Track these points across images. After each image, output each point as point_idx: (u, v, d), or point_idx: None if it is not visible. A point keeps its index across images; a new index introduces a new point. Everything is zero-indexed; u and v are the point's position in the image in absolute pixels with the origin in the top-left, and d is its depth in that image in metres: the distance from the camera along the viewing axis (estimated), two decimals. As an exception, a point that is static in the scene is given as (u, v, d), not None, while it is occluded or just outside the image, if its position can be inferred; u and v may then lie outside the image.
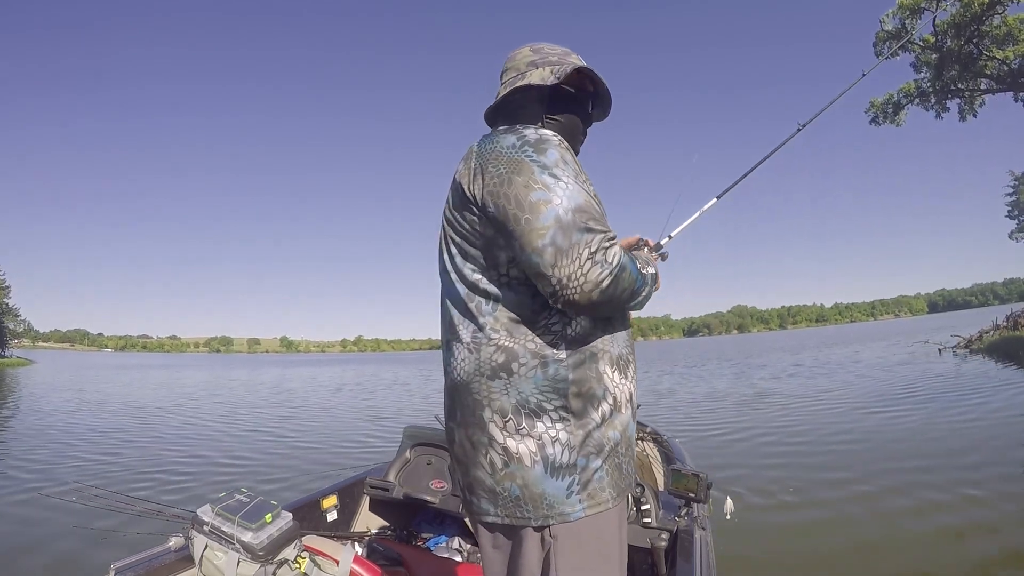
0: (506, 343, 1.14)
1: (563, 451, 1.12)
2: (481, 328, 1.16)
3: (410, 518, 2.93)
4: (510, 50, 1.39)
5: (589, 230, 1.08)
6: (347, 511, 2.83)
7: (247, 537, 1.79)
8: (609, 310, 1.16)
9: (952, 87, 20.28)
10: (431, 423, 2.88)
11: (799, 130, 2.25)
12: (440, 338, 1.32)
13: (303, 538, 2.00)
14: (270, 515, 1.87)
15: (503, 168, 1.12)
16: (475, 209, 1.16)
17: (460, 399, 1.20)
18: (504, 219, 1.10)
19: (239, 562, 1.79)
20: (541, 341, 1.14)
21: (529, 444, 1.12)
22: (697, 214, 1.95)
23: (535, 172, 1.10)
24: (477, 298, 1.18)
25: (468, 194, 1.17)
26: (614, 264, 1.08)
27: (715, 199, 2.06)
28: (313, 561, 1.94)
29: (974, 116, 21.27)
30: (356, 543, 2.57)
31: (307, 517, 2.54)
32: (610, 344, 1.20)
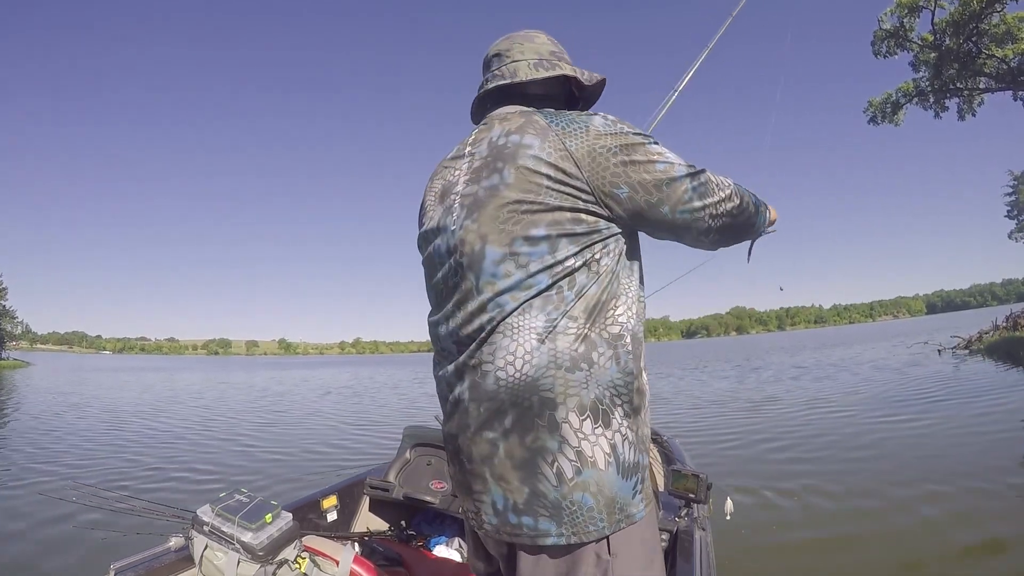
0: (586, 331, 1.05)
1: (631, 449, 1.06)
2: (561, 316, 1.04)
3: (410, 518, 2.92)
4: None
5: (701, 171, 1.13)
6: (347, 511, 2.82)
7: (247, 537, 1.79)
8: (749, 232, 1.28)
9: (951, 86, 20.12)
10: (431, 423, 2.88)
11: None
12: (452, 338, 1.15)
13: (303, 538, 1.99)
14: (270, 515, 1.87)
15: (614, 148, 1.07)
16: (583, 191, 1.06)
17: (515, 401, 1.03)
18: (646, 194, 1.08)
19: (239, 562, 1.78)
20: (612, 331, 1.07)
21: (603, 445, 1.03)
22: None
23: (645, 144, 1.10)
24: (557, 283, 1.05)
25: (571, 174, 1.06)
26: (731, 185, 1.17)
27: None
28: (313, 561, 1.94)
29: (973, 115, 21.14)
30: (356, 543, 2.56)
31: (307, 517, 2.53)
32: (643, 336, 1.16)
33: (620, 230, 1.12)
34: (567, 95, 1.33)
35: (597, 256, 1.08)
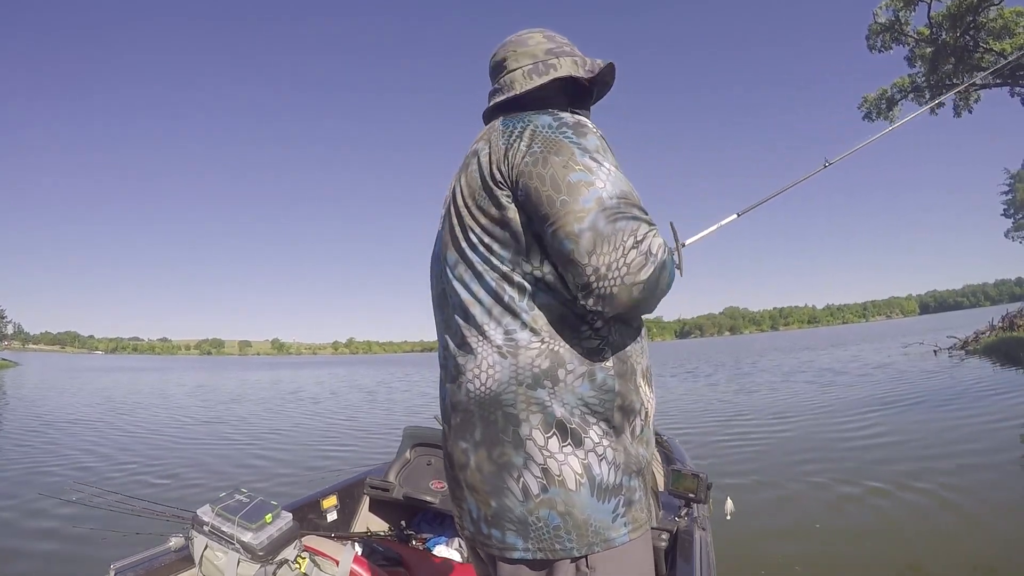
0: (551, 346, 1.00)
1: (609, 470, 1.00)
2: (519, 328, 1.01)
3: (410, 518, 2.92)
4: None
5: (634, 218, 0.96)
6: (347, 511, 2.82)
7: (247, 537, 1.78)
8: (642, 309, 1.02)
9: (947, 82, 19.86)
10: (431, 423, 2.87)
11: (825, 166, 2.33)
12: (441, 344, 1.17)
13: (303, 538, 1.99)
14: (270, 515, 1.87)
15: (537, 147, 1.00)
16: (505, 190, 1.03)
17: (482, 414, 1.02)
18: (537, 201, 0.98)
19: (239, 562, 1.78)
20: (588, 346, 1.02)
21: (574, 464, 0.98)
22: (715, 227, 1.98)
23: (575, 153, 0.99)
24: (510, 293, 1.02)
25: (497, 173, 1.04)
26: (659, 256, 0.96)
27: (735, 215, 2.09)
28: (313, 561, 1.93)
29: (969, 112, 21.00)
30: (356, 543, 2.56)
31: (307, 517, 2.53)
32: (641, 353, 1.11)
33: None
34: (574, 89, 1.27)
35: (537, 264, 1.02)
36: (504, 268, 1.04)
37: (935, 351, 21.77)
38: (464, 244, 1.09)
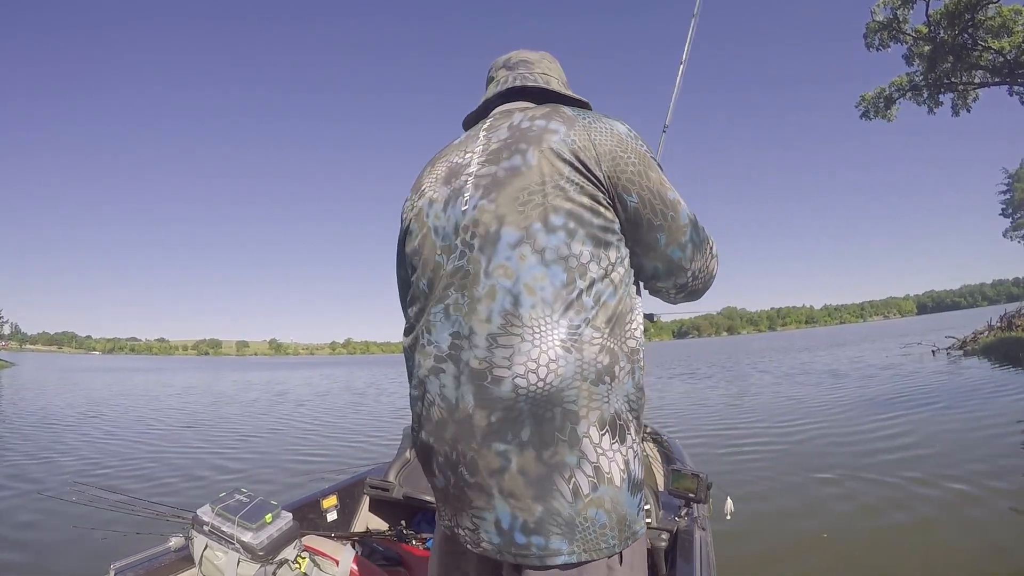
0: (608, 344, 1.01)
1: (638, 465, 1.03)
2: (583, 324, 0.99)
3: (410, 518, 2.91)
4: (501, 51, 1.33)
5: (706, 230, 1.18)
6: (347, 511, 2.81)
7: (247, 537, 1.78)
8: (699, 297, 1.26)
9: (945, 80, 19.86)
10: None
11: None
12: (448, 329, 1.06)
13: (303, 538, 1.99)
14: (270, 515, 1.86)
15: (633, 157, 1.07)
16: (596, 184, 1.04)
17: (534, 411, 0.96)
18: (652, 213, 1.07)
19: (239, 562, 1.78)
20: (631, 345, 1.05)
21: (619, 461, 0.99)
22: None
23: (660, 170, 1.12)
24: (580, 286, 1.00)
25: (587, 166, 1.04)
26: (718, 257, 1.23)
27: None
28: (313, 561, 1.93)
29: (967, 111, 20.86)
30: (356, 543, 2.55)
31: (307, 517, 2.52)
32: None
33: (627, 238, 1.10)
34: None
35: (613, 261, 1.05)
36: (583, 259, 1.01)
37: (933, 351, 21.77)
38: (538, 224, 1.01)
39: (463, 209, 1.08)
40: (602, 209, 1.04)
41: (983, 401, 9.75)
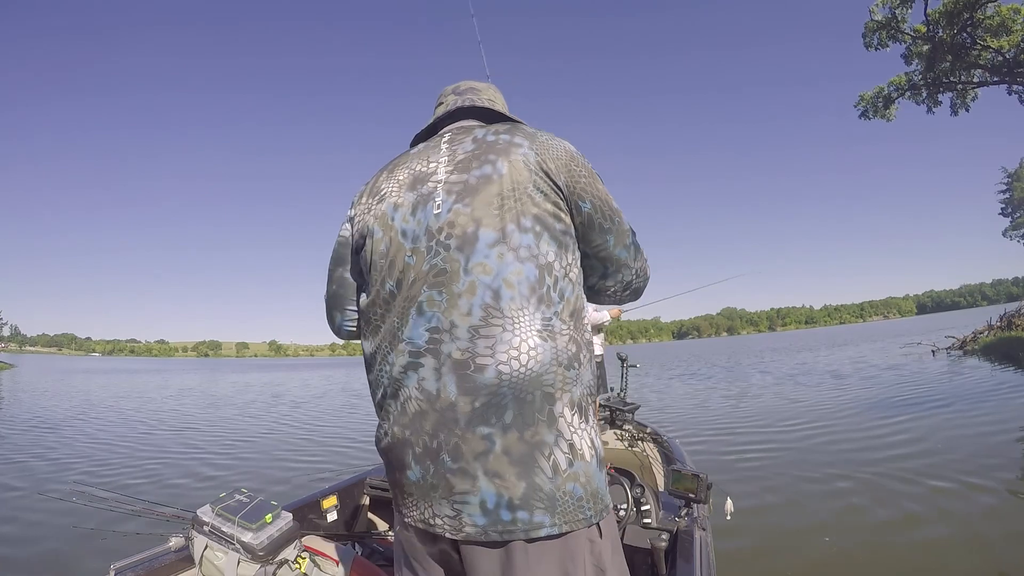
0: (574, 334, 1.13)
1: (599, 443, 1.14)
2: (553, 316, 1.10)
3: None
4: (504, 52, 1.42)
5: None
6: (347, 511, 2.81)
7: (247, 537, 1.77)
8: (636, 299, 1.44)
9: (944, 79, 19.82)
10: None
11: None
12: (426, 324, 1.11)
13: (303, 538, 1.98)
14: (270, 515, 1.86)
15: (584, 171, 1.21)
16: (558, 192, 1.17)
17: (517, 395, 1.05)
18: (602, 218, 1.22)
19: (239, 562, 1.77)
20: (588, 337, 1.19)
21: (586, 438, 1.10)
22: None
23: (602, 182, 1.26)
24: (547, 283, 1.11)
25: (550, 176, 1.17)
26: (647, 261, 1.39)
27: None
28: (313, 561, 1.92)
29: (966, 110, 20.80)
30: (356, 543, 2.55)
31: (307, 517, 2.52)
32: None
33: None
34: None
35: (570, 262, 1.17)
36: (549, 258, 1.12)
37: (933, 351, 21.73)
38: (512, 226, 1.11)
39: (435, 212, 1.16)
40: (562, 215, 1.17)
41: (975, 402, 9.75)
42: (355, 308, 1.36)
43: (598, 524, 1.09)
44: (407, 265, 1.15)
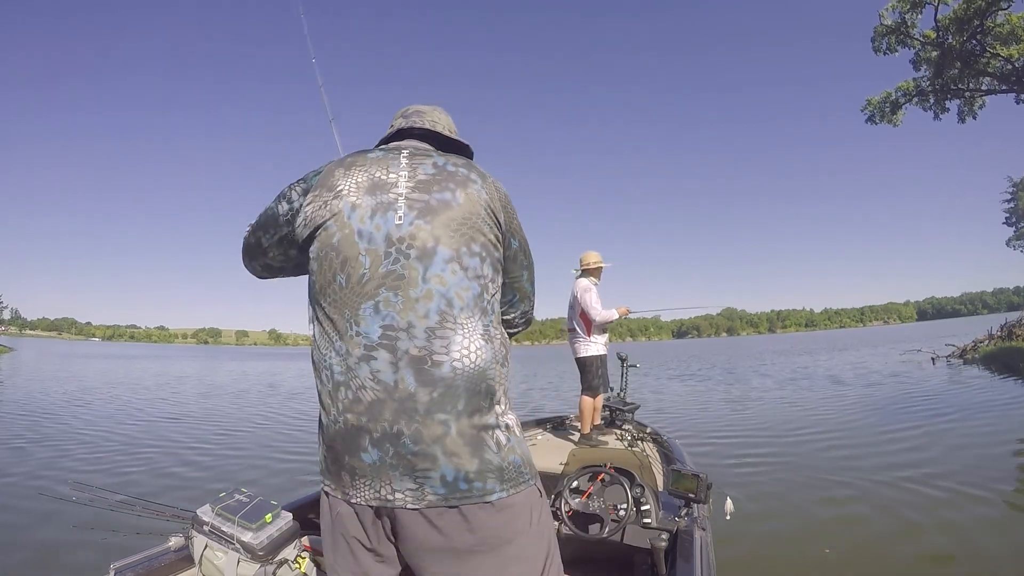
0: (502, 340, 1.38)
1: (518, 419, 1.40)
2: (491, 324, 1.33)
3: None
4: (506, 53, 1.49)
5: None
6: None
7: (247, 537, 1.78)
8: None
9: (952, 86, 19.77)
10: None
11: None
12: (383, 323, 1.23)
13: (303, 538, 1.98)
14: (270, 515, 1.86)
15: (514, 213, 1.47)
16: (498, 228, 1.39)
17: (469, 386, 1.24)
18: (522, 255, 1.49)
19: (239, 562, 1.78)
20: (508, 343, 1.44)
21: (512, 419, 1.34)
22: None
23: None
24: (486, 297, 1.33)
25: (495, 213, 1.39)
26: None
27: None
28: (313, 561, 1.93)
29: (974, 118, 20.80)
30: None
31: (307, 517, 2.51)
32: None
33: None
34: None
35: (499, 285, 1.40)
36: (488, 279, 1.35)
37: (933, 359, 21.66)
38: (464, 248, 1.31)
39: (397, 223, 1.30)
40: (499, 245, 1.40)
41: (976, 412, 9.74)
42: (264, 263, 1.56)
43: (536, 485, 1.33)
44: (359, 263, 1.28)
